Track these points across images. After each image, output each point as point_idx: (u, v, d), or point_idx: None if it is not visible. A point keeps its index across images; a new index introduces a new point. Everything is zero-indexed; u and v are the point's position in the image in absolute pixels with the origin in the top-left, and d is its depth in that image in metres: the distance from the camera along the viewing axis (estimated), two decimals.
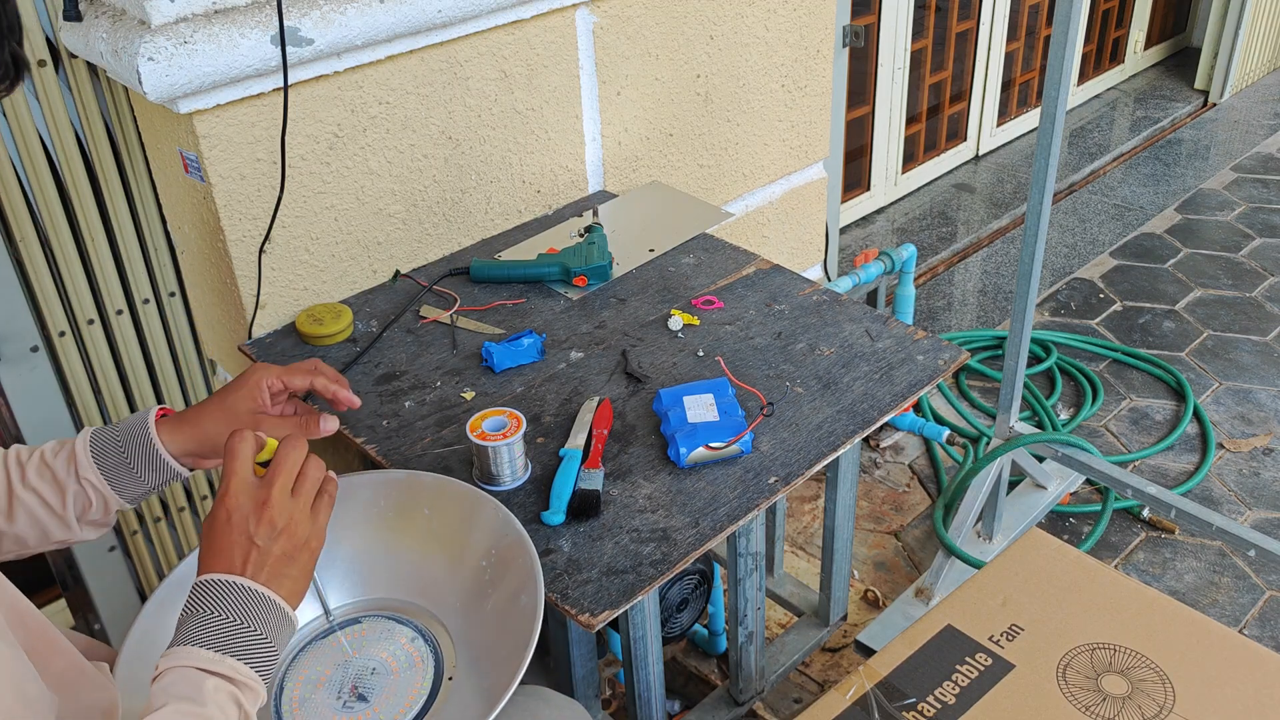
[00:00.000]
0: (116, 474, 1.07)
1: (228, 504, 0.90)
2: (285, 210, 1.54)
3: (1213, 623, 1.51)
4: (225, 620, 0.86)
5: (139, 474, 1.08)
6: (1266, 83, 4.77)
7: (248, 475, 0.92)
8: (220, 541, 0.89)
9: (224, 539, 0.89)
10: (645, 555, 1.18)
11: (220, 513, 0.90)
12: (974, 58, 3.80)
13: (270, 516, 0.90)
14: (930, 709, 1.41)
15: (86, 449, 1.06)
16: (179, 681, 0.82)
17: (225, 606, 0.86)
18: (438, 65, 1.62)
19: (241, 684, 0.84)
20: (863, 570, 2.31)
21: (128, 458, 1.07)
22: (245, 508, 0.90)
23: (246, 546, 0.88)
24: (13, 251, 1.61)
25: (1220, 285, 3.28)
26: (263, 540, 0.89)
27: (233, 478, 0.91)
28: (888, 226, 3.65)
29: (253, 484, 0.91)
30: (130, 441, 1.07)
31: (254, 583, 0.88)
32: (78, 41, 1.44)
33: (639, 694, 1.53)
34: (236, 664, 0.84)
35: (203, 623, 0.85)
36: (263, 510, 0.90)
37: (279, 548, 0.90)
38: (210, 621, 0.85)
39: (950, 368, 1.46)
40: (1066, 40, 1.77)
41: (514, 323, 1.60)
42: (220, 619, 0.86)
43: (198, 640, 0.85)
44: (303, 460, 0.94)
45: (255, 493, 0.91)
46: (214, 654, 0.84)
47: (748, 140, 2.17)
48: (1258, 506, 2.43)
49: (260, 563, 0.89)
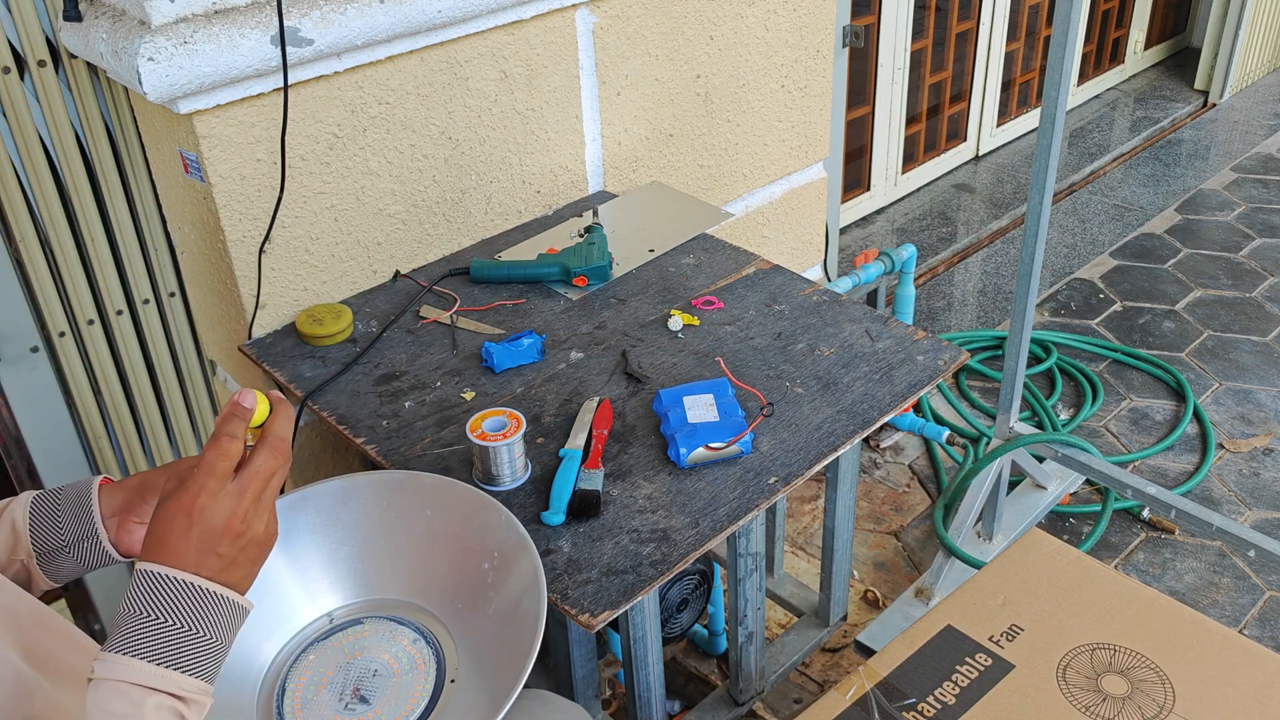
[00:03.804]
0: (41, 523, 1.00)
1: (194, 511, 0.82)
2: (285, 210, 1.54)
3: (1213, 623, 1.51)
4: (174, 628, 0.79)
5: (62, 523, 1.00)
6: (1266, 83, 4.77)
7: (223, 481, 0.84)
8: (176, 541, 0.82)
9: (181, 540, 0.82)
10: (645, 555, 1.18)
11: (181, 512, 0.82)
12: (974, 58, 3.80)
13: (237, 529, 0.84)
14: (930, 709, 1.41)
15: (26, 509, 1.00)
16: (114, 697, 0.77)
17: (174, 611, 0.80)
18: (438, 65, 1.62)
19: (189, 699, 0.79)
20: (863, 570, 2.31)
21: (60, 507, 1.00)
22: (213, 521, 0.83)
23: (205, 553, 0.82)
24: (13, 251, 1.61)
25: (1220, 285, 3.28)
26: (225, 550, 0.83)
27: (208, 480, 0.84)
28: (888, 227, 3.65)
29: (226, 496, 0.84)
30: (68, 494, 1.01)
31: (209, 582, 0.82)
32: (78, 41, 1.44)
33: (639, 694, 1.53)
34: (183, 679, 0.79)
35: (148, 629, 0.79)
36: (230, 522, 0.83)
37: (243, 556, 0.85)
38: (157, 629, 0.79)
39: (950, 368, 1.46)
40: (1066, 40, 1.77)
41: (514, 323, 1.60)
42: (168, 626, 0.79)
43: (141, 650, 0.78)
44: (279, 468, 0.88)
45: (226, 505, 0.84)
46: (158, 668, 0.78)
47: (748, 140, 2.17)
48: (1258, 507, 2.43)
49: (216, 569, 0.83)
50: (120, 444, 1.84)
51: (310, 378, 1.49)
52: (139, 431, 1.86)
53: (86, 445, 1.80)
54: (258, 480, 0.86)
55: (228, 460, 0.85)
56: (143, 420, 1.85)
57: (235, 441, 0.86)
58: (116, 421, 1.82)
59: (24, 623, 0.91)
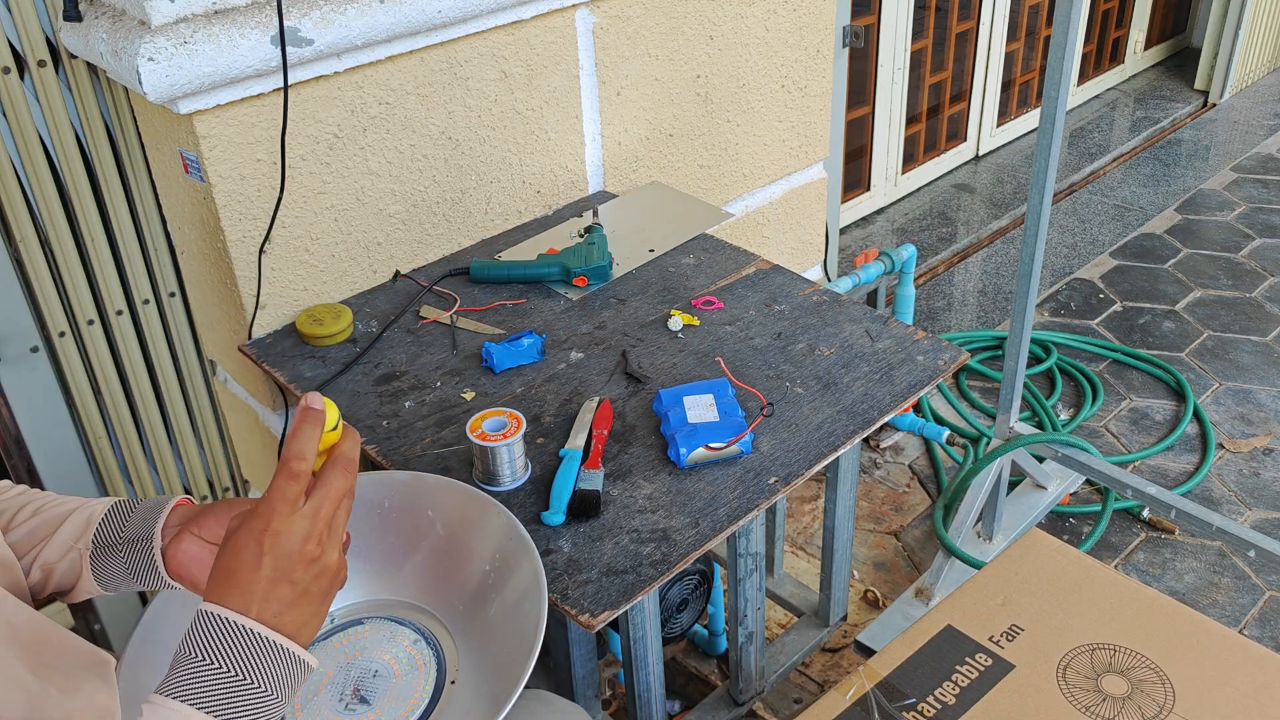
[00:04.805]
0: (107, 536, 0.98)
1: (266, 537, 0.78)
2: (285, 210, 1.54)
3: (1213, 623, 1.51)
4: (229, 676, 0.76)
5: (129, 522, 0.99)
6: (1266, 83, 4.77)
7: (294, 505, 0.80)
8: (247, 572, 0.78)
9: (251, 570, 0.78)
10: (645, 555, 1.18)
11: (252, 540, 0.78)
12: (974, 58, 3.80)
13: (311, 553, 0.80)
14: (930, 709, 1.41)
15: (108, 506, 1.00)
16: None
17: (232, 658, 0.76)
18: (438, 66, 1.62)
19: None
20: (863, 570, 2.31)
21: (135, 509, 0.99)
22: (287, 546, 0.79)
23: (277, 582, 0.78)
24: (13, 251, 1.61)
25: (1220, 285, 3.28)
26: (299, 577, 0.79)
27: (280, 503, 0.79)
28: (888, 227, 3.65)
29: (299, 519, 0.80)
30: (149, 500, 1.01)
31: (272, 631, 0.77)
32: (78, 42, 1.44)
33: (639, 694, 1.53)
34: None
35: (201, 674, 0.75)
36: (305, 545, 0.79)
37: (315, 586, 0.80)
38: (212, 675, 0.75)
39: (950, 368, 1.46)
40: (1066, 40, 1.77)
41: (514, 323, 1.60)
42: (224, 674, 0.76)
43: (193, 697, 0.74)
44: (350, 490, 0.84)
45: (300, 527, 0.79)
46: (208, 718, 0.74)
47: (748, 140, 2.17)
48: (1258, 507, 2.43)
49: (286, 603, 0.78)
50: (120, 444, 1.84)
51: (310, 378, 1.49)
52: (139, 431, 1.86)
53: (86, 445, 1.80)
54: (330, 500, 0.82)
55: (298, 484, 0.81)
56: (143, 420, 1.85)
57: (304, 463, 0.82)
58: (116, 421, 1.82)
59: (25, 636, 0.90)
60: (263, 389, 1.66)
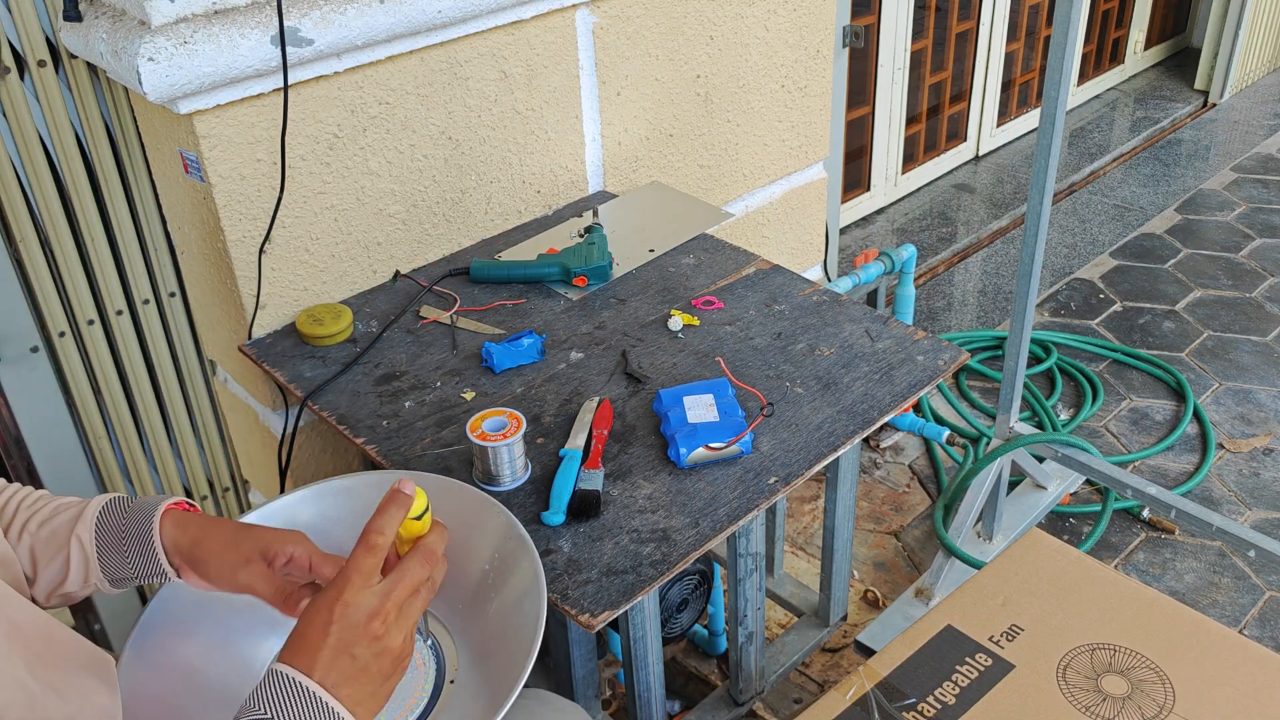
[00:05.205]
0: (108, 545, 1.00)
1: (336, 607, 0.82)
2: (285, 210, 1.54)
3: (1212, 623, 1.51)
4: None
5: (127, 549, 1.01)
6: (1266, 83, 4.77)
7: (369, 579, 0.84)
8: (315, 637, 0.81)
9: (318, 636, 0.81)
10: (645, 555, 1.18)
11: (325, 608, 0.82)
12: (974, 58, 3.80)
13: (375, 631, 0.83)
14: (930, 709, 1.41)
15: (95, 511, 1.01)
16: None
17: (289, 716, 0.79)
18: (438, 66, 1.62)
19: None
20: (863, 570, 2.31)
21: (124, 531, 1.01)
22: (353, 619, 0.82)
23: (339, 653, 0.81)
24: (13, 251, 1.61)
25: (1220, 285, 3.28)
26: (360, 654, 0.82)
27: (355, 575, 0.83)
28: (888, 227, 3.65)
29: (369, 594, 0.83)
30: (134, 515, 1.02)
31: (333, 699, 0.80)
32: (78, 41, 1.44)
33: (639, 694, 1.53)
34: None
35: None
36: (370, 623, 0.82)
37: (375, 666, 0.83)
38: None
39: (950, 368, 1.46)
40: (1066, 40, 1.77)
41: (514, 323, 1.60)
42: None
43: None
44: (428, 581, 0.88)
45: (369, 603, 0.83)
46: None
47: (748, 140, 2.17)
48: (1258, 507, 2.43)
49: (345, 674, 0.81)
50: (120, 444, 1.84)
51: (310, 378, 1.49)
52: (139, 431, 1.86)
53: (86, 445, 1.80)
54: (404, 585, 0.85)
55: (374, 557, 0.84)
56: (143, 420, 1.85)
57: (383, 538, 0.85)
58: (116, 421, 1.82)
59: (28, 635, 0.91)
60: (263, 389, 1.66)
